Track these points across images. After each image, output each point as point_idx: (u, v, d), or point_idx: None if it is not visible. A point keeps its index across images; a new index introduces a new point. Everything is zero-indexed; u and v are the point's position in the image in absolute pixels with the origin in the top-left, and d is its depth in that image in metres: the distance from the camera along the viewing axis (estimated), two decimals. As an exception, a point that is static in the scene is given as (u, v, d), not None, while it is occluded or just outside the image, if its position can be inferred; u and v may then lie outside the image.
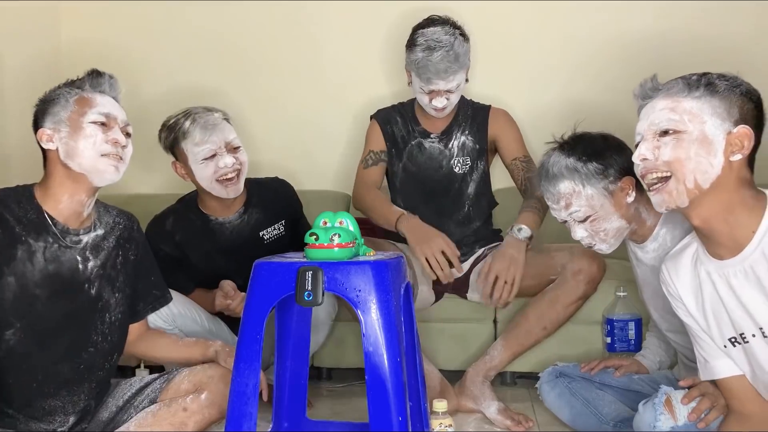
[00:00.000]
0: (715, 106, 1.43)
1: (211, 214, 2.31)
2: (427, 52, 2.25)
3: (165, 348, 1.89)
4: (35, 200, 1.67)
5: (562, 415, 2.01)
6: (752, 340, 1.48)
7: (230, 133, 2.24)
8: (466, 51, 2.32)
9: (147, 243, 1.90)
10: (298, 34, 3.23)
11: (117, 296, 1.77)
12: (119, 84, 1.76)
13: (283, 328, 1.71)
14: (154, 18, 3.29)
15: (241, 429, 1.49)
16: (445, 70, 2.25)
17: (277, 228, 2.35)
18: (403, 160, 2.49)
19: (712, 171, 1.42)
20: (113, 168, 1.68)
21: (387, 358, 1.43)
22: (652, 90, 1.52)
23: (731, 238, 1.45)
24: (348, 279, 1.46)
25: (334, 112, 3.20)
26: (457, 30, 2.31)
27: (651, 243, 1.84)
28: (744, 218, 1.44)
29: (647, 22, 2.99)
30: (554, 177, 1.82)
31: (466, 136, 2.47)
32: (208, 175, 2.20)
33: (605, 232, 1.81)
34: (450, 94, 2.33)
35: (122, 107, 1.75)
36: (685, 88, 1.46)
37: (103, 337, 1.74)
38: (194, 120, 2.19)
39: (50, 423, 1.69)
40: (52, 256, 1.66)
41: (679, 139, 1.44)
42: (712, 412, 1.59)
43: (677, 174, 1.44)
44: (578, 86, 3.03)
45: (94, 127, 1.66)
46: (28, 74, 3.04)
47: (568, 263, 2.17)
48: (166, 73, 3.29)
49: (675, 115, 1.45)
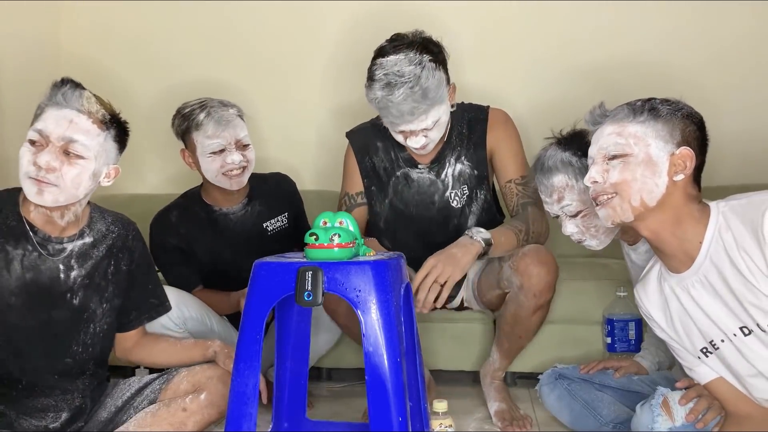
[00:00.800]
0: (658, 130, 1.52)
1: (214, 205, 2.33)
2: (386, 90, 1.88)
3: (163, 353, 1.87)
4: (17, 206, 1.64)
5: (562, 417, 2.01)
6: (722, 345, 1.56)
7: (242, 130, 2.25)
8: (440, 82, 1.92)
9: (146, 250, 1.86)
10: (302, 32, 3.23)
11: (104, 306, 1.73)
12: (81, 93, 1.60)
13: (283, 328, 1.71)
14: (158, 14, 3.29)
15: (240, 429, 1.48)
16: (410, 112, 1.89)
17: (280, 220, 2.37)
18: (389, 196, 2.16)
19: (657, 190, 1.50)
20: (35, 191, 1.56)
21: (387, 358, 1.43)
22: (600, 116, 1.60)
23: (681, 250, 1.54)
24: (348, 279, 1.46)
25: (335, 112, 3.20)
26: (426, 55, 1.91)
27: (642, 245, 1.87)
28: (691, 230, 1.52)
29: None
30: (549, 170, 1.85)
31: (461, 162, 2.13)
32: (215, 169, 2.22)
33: (596, 228, 1.84)
34: (427, 131, 1.98)
35: (91, 120, 1.59)
36: (630, 114, 1.55)
37: (84, 347, 1.71)
38: (209, 113, 2.20)
39: (42, 419, 1.68)
40: (30, 264, 1.62)
41: (625, 162, 1.52)
42: (709, 412, 1.61)
43: (622, 194, 1.52)
44: (577, 86, 3.03)
45: (26, 147, 1.58)
46: (26, 75, 3.03)
47: (513, 277, 1.97)
48: (169, 69, 3.28)
49: (621, 139, 1.53)
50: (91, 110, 1.61)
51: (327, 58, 3.23)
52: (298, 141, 3.22)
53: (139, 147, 3.16)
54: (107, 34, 3.31)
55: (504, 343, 2.13)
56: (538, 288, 1.96)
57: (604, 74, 3.00)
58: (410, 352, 1.67)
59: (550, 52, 3.08)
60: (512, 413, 2.11)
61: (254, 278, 1.52)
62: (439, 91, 1.93)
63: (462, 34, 2.97)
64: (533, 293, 1.96)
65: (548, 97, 3.05)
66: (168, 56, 3.28)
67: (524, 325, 2.05)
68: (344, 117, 3.17)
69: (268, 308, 1.50)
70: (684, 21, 2.98)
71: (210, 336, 2.10)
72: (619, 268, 2.31)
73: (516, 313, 2.03)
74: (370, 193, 2.19)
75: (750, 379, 1.55)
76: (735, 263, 1.47)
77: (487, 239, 1.93)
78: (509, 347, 2.13)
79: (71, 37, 3.31)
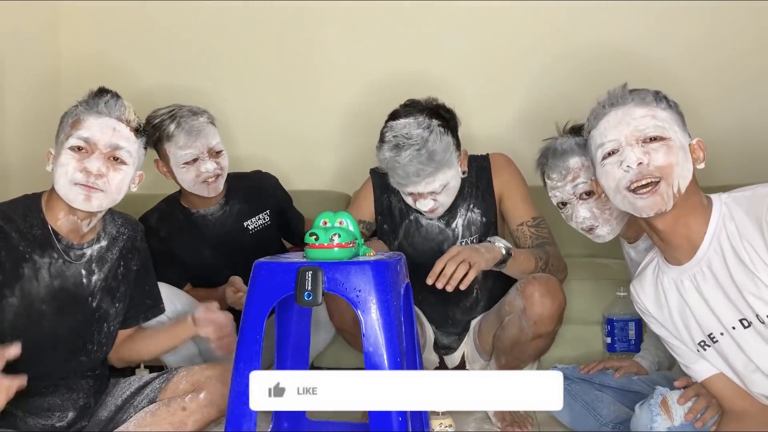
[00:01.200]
0: (675, 117, 1.53)
1: (192, 207, 2.34)
2: (394, 151, 1.93)
3: (145, 342, 1.86)
4: (42, 213, 1.66)
5: (562, 417, 2.01)
6: (721, 339, 1.54)
7: (214, 138, 2.25)
8: (447, 146, 1.95)
9: (148, 252, 1.89)
10: (295, 33, 3.23)
11: (117, 306, 1.77)
12: (122, 103, 1.67)
13: (283, 328, 1.71)
14: (158, 14, 3.29)
15: (241, 429, 1.48)
16: (416, 173, 1.93)
17: (262, 218, 2.37)
18: (399, 238, 2.18)
19: (689, 177, 1.50)
20: (82, 197, 1.61)
21: (387, 358, 1.43)
22: (623, 97, 1.55)
23: (688, 240, 1.53)
24: (348, 279, 1.46)
25: (333, 112, 3.21)
26: (435, 120, 1.96)
27: (643, 242, 1.87)
28: (698, 220, 1.51)
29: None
30: (564, 152, 1.83)
31: (472, 211, 2.14)
32: (190, 179, 2.23)
33: (610, 211, 1.80)
34: (436, 195, 2.00)
35: (129, 128, 1.66)
36: (654, 99, 1.53)
37: (99, 346, 1.75)
38: (179, 124, 2.19)
39: (48, 418, 1.69)
40: (57, 272, 1.65)
41: (668, 146, 1.49)
42: (708, 411, 1.61)
43: (667, 179, 1.47)
44: (579, 82, 3.02)
45: (70, 154, 1.62)
46: (26, 75, 3.03)
47: (517, 299, 1.93)
48: (169, 69, 3.28)
49: (658, 122, 1.51)
50: (129, 119, 1.67)
51: (323, 59, 3.24)
52: (295, 143, 3.22)
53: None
54: (107, 33, 3.30)
55: (501, 358, 2.11)
56: (539, 315, 1.90)
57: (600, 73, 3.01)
58: (410, 352, 1.67)
59: (546, 52, 3.09)
60: (512, 413, 2.11)
61: (254, 278, 1.52)
62: (446, 155, 1.95)
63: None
64: (533, 320, 1.91)
65: (549, 95, 3.06)
66: (168, 56, 3.28)
67: (522, 349, 2.01)
68: (344, 116, 3.19)
69: (268, 308, 1.50)
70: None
71: None
72: (619, 268, 2.31)
73: (516, 337, 1.99)
74: (382, 231, 2.20)
75: (748, 375, 1.55)
76: (737, 252, 1.47)
77: (508, 248, 1.92)
78: (506, 364, 2.10)
79: (71, 36, 3.31)
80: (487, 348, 2.21)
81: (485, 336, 2.19)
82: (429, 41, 3.15)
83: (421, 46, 3.14)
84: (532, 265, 1.98)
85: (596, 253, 2.56)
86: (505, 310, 2.03)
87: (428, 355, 2.32)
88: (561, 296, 1.93)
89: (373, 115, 2.56)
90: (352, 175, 2.56)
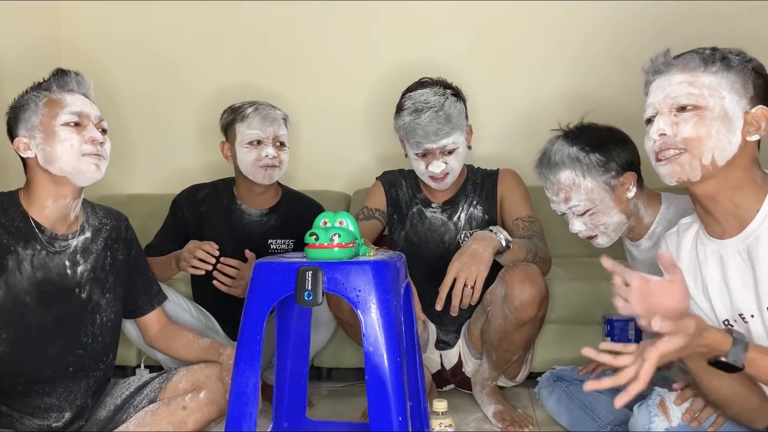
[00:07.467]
0: (732, 81, 1.41)
1: (240, 199, 2.39)
2: (414, 115, 2.11)
3: (184, 348, 1.89)
4: (21, 207, 1.67)
5: (561, 419, 2.01)
6: (751, 321, 1.47)
7: (283, 130, 2.34)
8: (460, 111, 2.14)
9: (137, 241, 1.90)
10: (296, 31, 3.24)
11: (108, 297, 1.77)
12: (86, 80, 1.74)
13: (283, 328, 1.71)
14: (158, 14, 3.29)
15: (241, 429, 1.49)
16: (435, 132, 2.10)
17: (286, 243, 2.39)
18: (406, 228, 2.32)
19: (730, 149, 1.39)
20: (94, 167, 1.67)
21: (387, 358, 1.43)
22: (665, 65, 1.47)
23: (735, 216, 1.44)
24: (348, 279, 1.46)
25: (334, 112, 3.21)
26: (448, 90, 2.16)
27: (646, 241, 1.86)
28: (750, 197, 1.42)
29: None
30: (555, 165, 1.83)
31: (474, 207, 2.28)
32: (250, 160, 2.28)
33: (605, 225, 1.83)
34: (447, 156, 2.15)
35: (94, 103, 1.73)
36: (701, 63, 1.43)
37: (94, 338, 1.75)
38: (257, 109, 2.31)
39: (45, 419, 1.70)
40: (39, 264, 1.66)
41: (700, 116, 1.40)
42: (704, 410, 1.60)
43: (693, 151, 1.40)
44: (581, 79, 3.03)
45: (68, 130, 1.64)
46: (27, 75, 3.03)
47: (498, 287, 2.02)
48: (169, 70, 3.29)
49: (695, 89, 1.41)
50: (91, 95, 1.74)
51: (326, 59, 3.24)
52: (296, 142, 3.21)
53: (138, 147, 3.19)
54: (107, 34, 3.31)
55: (492, 354, 2.14)
56: (521, 301, 1.96)
57: (606, 67, 3.02)
58: (410, 352, 1.68)
59: (551, 44, 3.09)
60: (511, 414, 2.12)
61: (254, 278, 1.52)
62: (460, 119, 2.14)
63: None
64: (515, 305, 1.97)
65: (550, 90, 3.06)
66: (168, 56, 3.29)
67: (509, 340, 2.06)
68: (345, 117, 3.19)
69: (269, 308, 1.50)
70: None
71: (192, 322, 2.14)
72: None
73: (502, 328, 2.05)
74: (391, 221, 2.34)
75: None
76: None
77: (508, 240, 1.99)
78: (497, 359, 2.14)
79: (71, 36, 3.31)
80: (477, 345, 2.25)
81: (474, 332, 2.23)
82: (429, 41, 3.16)
83: (421, 46, 3.15)
84: (523, 254, 2.05)
85: (596, 253, 2.54)
86: (487, 299, 2.08)
87: (430, 354, 2.33)
88: (542, 283, 2.00)
89: (373, 115, 2.57)
90: (352, 175, 2.56)
